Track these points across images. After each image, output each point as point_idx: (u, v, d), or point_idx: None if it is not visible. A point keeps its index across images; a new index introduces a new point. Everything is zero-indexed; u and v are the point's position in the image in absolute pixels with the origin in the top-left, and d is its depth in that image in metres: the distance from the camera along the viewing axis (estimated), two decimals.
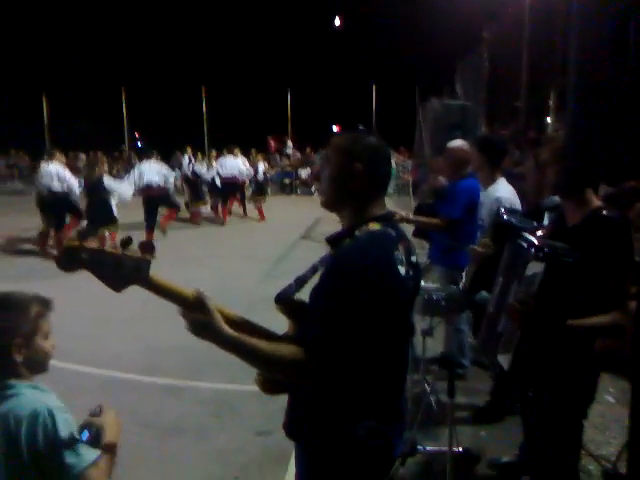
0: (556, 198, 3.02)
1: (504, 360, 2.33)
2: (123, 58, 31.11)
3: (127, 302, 6.19)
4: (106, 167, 9.99)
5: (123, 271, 1.49)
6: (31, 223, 11.78)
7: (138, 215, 10.54)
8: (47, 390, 1.71)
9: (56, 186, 9.26)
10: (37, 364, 1.71)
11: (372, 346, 1.58)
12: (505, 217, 2.92)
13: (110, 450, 1.68)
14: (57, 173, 9.26)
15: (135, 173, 10.26)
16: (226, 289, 6.41)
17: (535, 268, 2.19)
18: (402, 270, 1.60)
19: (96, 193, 9.26)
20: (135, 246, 1.56)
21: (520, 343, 2.23)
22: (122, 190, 9.47)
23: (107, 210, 9.23)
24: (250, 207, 14.39)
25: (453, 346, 4.40)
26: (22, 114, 26.79)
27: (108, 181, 9.38)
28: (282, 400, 1.80)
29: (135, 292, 1.55)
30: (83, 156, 12.00)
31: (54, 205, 9.40)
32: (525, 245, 2.25)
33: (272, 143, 25.22)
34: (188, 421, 4.00)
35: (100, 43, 31.13)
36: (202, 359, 4.83)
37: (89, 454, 1.61)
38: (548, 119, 11.93)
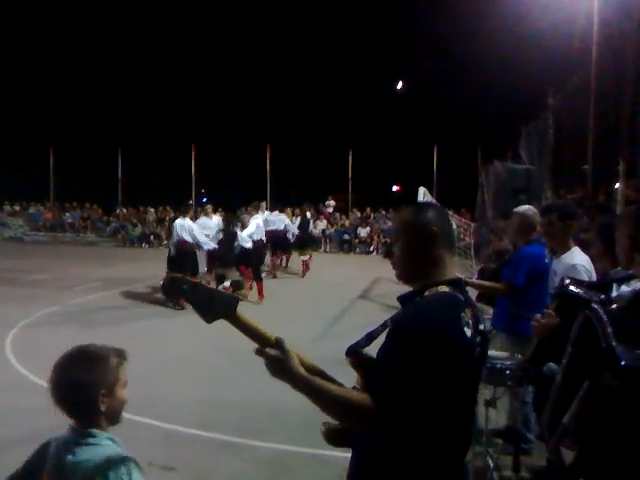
0: None
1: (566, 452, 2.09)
2: (194, 117, 32.91)
3: (193, 356, 6.36)
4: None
5: (214, 305, 1.60)
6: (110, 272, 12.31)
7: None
8: (121, 444, 1.76)
9: (187, 238, 10.53)
10: (116, 414, 1.77)
11: (436, 407, 1.58)
12: (572, 288, 2.78)
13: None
14: (189, 227, 10.58)
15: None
16: None
17: None
18: (468, 332, 1.63)
19: None
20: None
21: (588, 440, 1.97)
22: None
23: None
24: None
25: (518, 419, 4.22)
26: (98, 169, 28.34)
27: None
28: (339, 466, 1.81)
29: (202, 347, 1.61)
30: (152, 210, 12.85)
31: (182, 253, 10.60)
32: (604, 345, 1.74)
33: None
34: None
35: (173, 103, 33.15)
36: (262, 418, 4.85)
37: None
38: (617, 185, 11.62)
